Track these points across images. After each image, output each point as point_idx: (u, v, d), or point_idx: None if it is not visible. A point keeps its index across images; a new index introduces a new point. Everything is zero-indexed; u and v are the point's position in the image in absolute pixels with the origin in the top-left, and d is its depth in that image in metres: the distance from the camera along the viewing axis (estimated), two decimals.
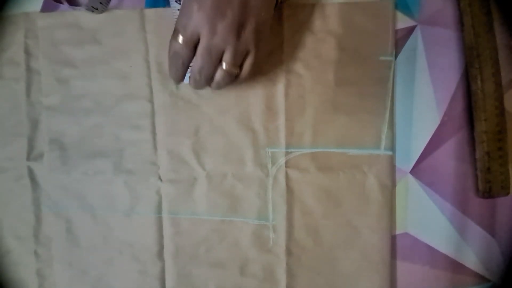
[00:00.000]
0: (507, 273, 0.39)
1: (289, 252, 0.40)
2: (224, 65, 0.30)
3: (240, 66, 0.31)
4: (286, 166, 0.39)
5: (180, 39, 0.29)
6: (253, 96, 0.40)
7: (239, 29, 0.29)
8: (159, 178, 0.41)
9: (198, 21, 0.28)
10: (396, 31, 0.39)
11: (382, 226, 0.39)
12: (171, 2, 0.39)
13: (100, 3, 0.39)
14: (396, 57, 0.39)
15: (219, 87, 0.33)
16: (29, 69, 0.41)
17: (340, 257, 0.39)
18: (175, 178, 0.40)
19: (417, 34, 0.39)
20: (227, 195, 0.40)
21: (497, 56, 0.37)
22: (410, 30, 0.39)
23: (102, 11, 0.40)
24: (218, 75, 0.31)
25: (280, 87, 0.39)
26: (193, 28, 0.29)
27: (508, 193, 0.38)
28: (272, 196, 0.40)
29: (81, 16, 0.41)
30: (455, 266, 0.39)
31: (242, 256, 0.40)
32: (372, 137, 0.39)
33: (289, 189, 0.40)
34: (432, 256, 0.39)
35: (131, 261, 0.41)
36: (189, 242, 0.40)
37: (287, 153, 0.40)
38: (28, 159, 0.41)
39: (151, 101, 0.40)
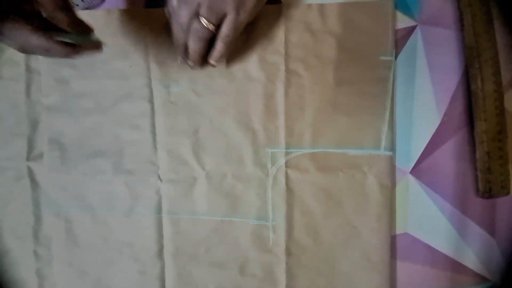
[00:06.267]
0: (507, 273, 0.39)
1: (289, 252, 0.40)
2: (200, 19, 0.34)
3: (219, 27, 0.34)
4: (286, 166, 0.39)
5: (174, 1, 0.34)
6: (252, 96, 0.40)
7: None
8: (159, 178, 0.40)
9: None
10: (396, 31, 0.39)
11: (382, 226, 0.39)
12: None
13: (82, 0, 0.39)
14: (396, 57, 0.39)
15: (195, 44, 0.35)
16: (28, 69, 0.41)
17: (340, 257, 0.39)
18: (175, 178, 0.40)
19: (417, 34, 0.39)
20: (227, 195, 0.40)
21: (497, 56, 0.37)
22: (410, 30, 0.39)
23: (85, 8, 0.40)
24: (194, 26, 0.34)
25: (280, 87, 0.39)
26: None
27: (508, 193, 0.38)
28: (272, 196, 0.40)
29: (81, 15, 0.41)
30: (455, 266, 0.39)
31: (242, 256, 0.40)
32: (372, 137, 0.39)
33: (289, 189, 0.39)
34: (432, 256, 0.39)
35: (131, 261, 0.41)
36: (189, 242, 0.40)
37: (287, 153, 0.39)
38: (28, 159, 0.41)
39: (151, 101, 0.40)
